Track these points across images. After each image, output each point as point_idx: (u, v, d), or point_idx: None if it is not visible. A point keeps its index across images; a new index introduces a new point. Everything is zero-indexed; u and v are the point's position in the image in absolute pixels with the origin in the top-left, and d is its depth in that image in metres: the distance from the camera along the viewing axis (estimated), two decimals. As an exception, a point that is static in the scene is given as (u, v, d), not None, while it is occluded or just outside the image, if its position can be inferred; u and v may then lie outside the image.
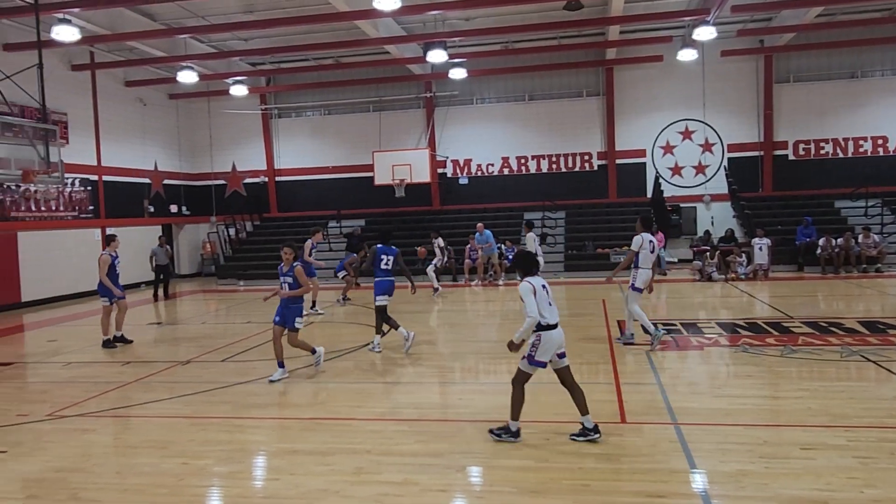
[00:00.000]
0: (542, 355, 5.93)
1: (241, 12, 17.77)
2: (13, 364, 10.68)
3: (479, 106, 24.71)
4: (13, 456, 6.19)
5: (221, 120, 25.79)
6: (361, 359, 9.90)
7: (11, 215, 17.62)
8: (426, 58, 18.76)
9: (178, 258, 25.09)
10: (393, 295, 10.52)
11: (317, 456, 5.85)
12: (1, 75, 13.28)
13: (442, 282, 20.02)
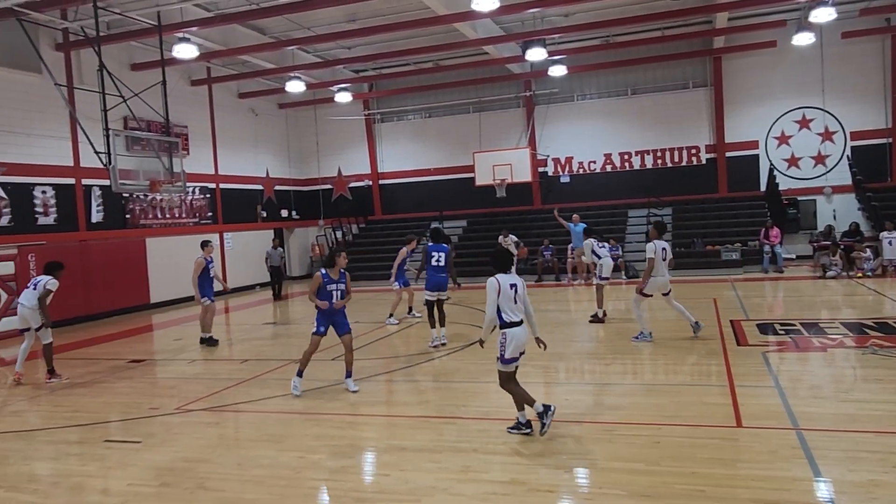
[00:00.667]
0: (512, 352, 6.16)
1: (344, 21, 18.32)
2: (145, 361, 11.49)
3: (580, 102, 24.32)
4: (147, 446, 6.67)
5: (327, 126, 26.70)
6: (466, 358, 9.98)
7: (140, 222, 18.98)
8: (525, 56, 18.67)
9: (288, 260, 26.18)
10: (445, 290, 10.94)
11: (425, 453, 5.96)
12: (129, 93, 14.31)
13: (545, 281, 19.87)
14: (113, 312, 17.47)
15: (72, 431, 7.44)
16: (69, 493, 5.54)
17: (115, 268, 17.74)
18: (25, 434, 7.41)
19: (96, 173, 16.15)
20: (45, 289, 9.85)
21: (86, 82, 16.26)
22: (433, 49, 19.79)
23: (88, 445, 6.87)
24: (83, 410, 8.26)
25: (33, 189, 15.86)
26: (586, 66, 22.49)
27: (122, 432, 7.31)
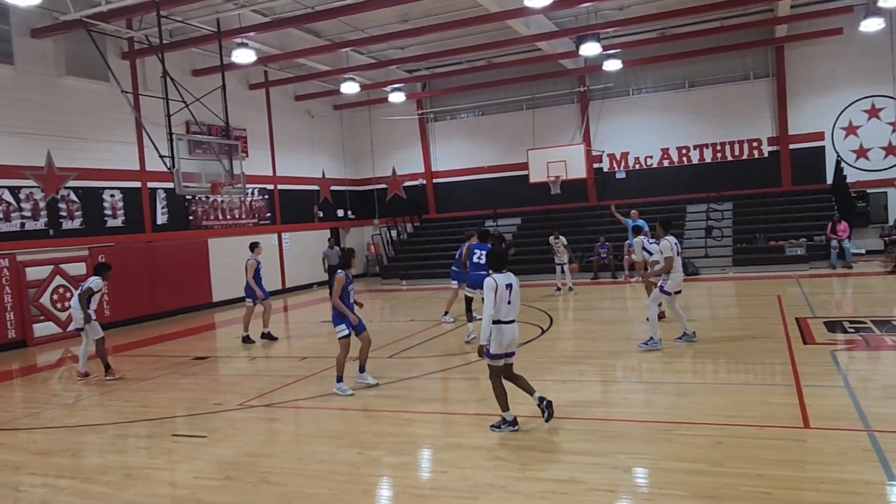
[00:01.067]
0: (495, 347, 6.29)
1: (397, 22, 18.47)
2: (208, 358, 11.84)
3: (636, 97, 23.91)
4: (212, 441, 6.87)
5: (381, 126, 26.96)
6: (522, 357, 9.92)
7: (203, 224, 19.55)
8: (579, 52, 18.46)
9: (345, 260, 26.52)
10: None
11: (482, 451, 5.96)
12: (191, 98, 14.75)
13: (602, 278, 19.63)
14: (177, 311, 18.04)
15: (141, 426, 7.73)
16: (139, 485, 5.75)
17: (179, 268, 18.32)
18: (98, 428, 7.73)
19: (161, 176, 16.72)
20: (85, 287, 10.23)
21: (150, 89, 16.84)
22: (485, 47, 19.76)
23: (157, 439, 7.13)
24: (151, 406, 8.57)
25: (102, 193, 16.51)
26: (642, 59, 22.10)
27: (189, 427, 7.55)
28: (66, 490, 5.76)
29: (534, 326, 12.37)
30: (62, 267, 15.11)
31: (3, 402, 9.56)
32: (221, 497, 5.37)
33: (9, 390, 10.59)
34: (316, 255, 21.99)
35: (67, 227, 15.56)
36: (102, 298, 15.98)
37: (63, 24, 14.34)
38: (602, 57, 20.36)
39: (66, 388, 10.00)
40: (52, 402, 9.22)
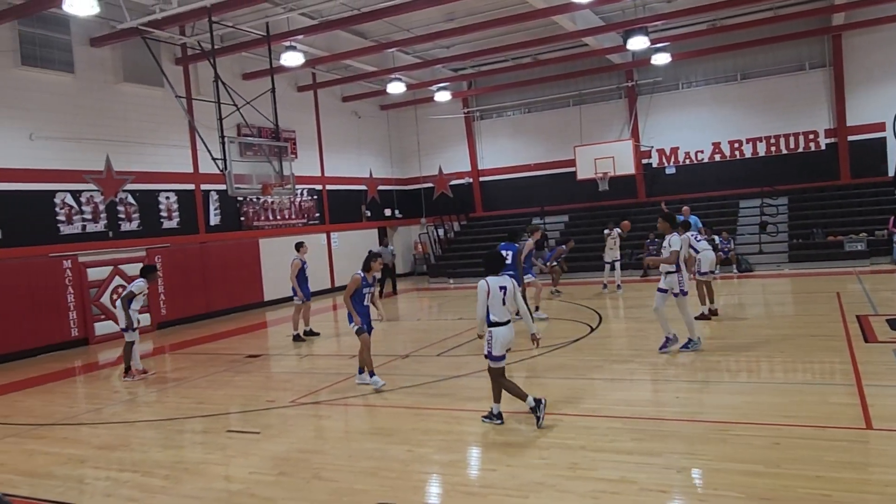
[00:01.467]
0: (498, 349, 6.49)
1: (442, 21, 18.50)
2: (261, 356, 12.08)
3: (686, 90, 23.45)
4: (265, 437, 7.02)
5: (427, 126, 27.07)
6: (570, 355, 9.86)
7: (254, 224, 19.95)
8: (626, 46, 18.17)
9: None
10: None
11: (532, 449, 5.94)
12: (242, 102, 15.06)
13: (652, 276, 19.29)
14: (230, 310, 18.45)
15: (197, 422, 7.94)
16: (197, 479, 5.91)
17: (232, 268, 18.74)
18: (156, 423, 7.97)
19: (213, 179, 17.15)
20: (129, 290, 10.51)
21: (202, 93, 17.26)
22: (531, 44, 19.65)
23: (212, 435, 7.31)
24: (207, 402, 8.80)
25: (158, 195, 17.00)
26: (692, 52, 21.65)
27: (243, 423, 7.71)
28: (127, 483, 5.96)
29: (582, 325, 12.25)
30: (121, 267, 15.61)
31: (67, 398, 9.94)
32: (275, 492, 5.48)
33: (72, 387, 11.01)
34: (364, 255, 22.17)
35: (126, 229, 16.07)
36: (158, 298, 16.49)
37: (120, 32, 14.80)
38: (650, 51, 20.01)
39: (125, 385, 10.33)
40: (113, 399, 9.54)
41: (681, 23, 19.92)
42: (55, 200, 14.60)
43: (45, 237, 14.35)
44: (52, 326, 14.15)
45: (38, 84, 14.32)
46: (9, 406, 9.45)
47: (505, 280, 6.57)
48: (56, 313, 14.27)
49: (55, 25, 14.31)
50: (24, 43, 13.86)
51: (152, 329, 16.17)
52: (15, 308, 13.48)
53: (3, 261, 13.50)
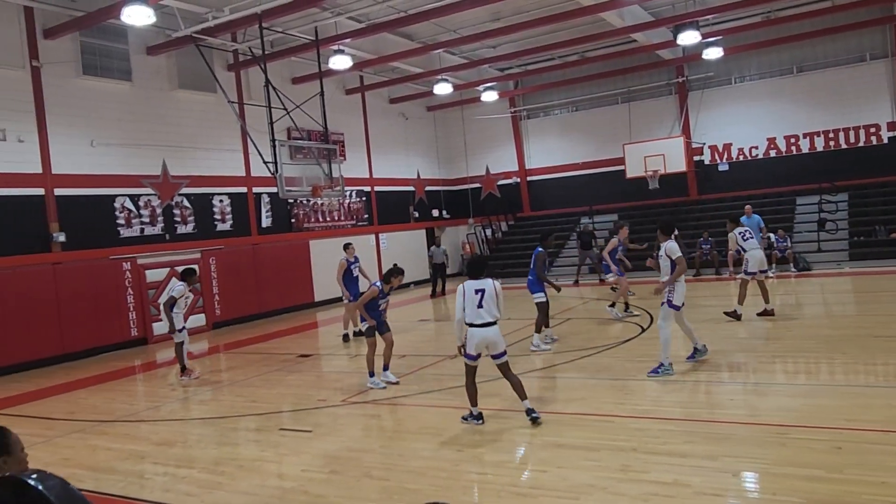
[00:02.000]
0: (470, 349, 6.75)
1: (488, 21, 18.48)
2: (312, 356, 12.27)
3: (739, 85, 22.87)
4: (317, 435, 7.12)
5: (474, 126, 27.06)
6: (621, 355, 9.73)
7: (304, 226, 20.27)
8: (677, 41, 17.84)
9: (440, 259, 26.87)
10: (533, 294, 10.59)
11: (582, 451, 5.89)
12: (292, 105, 15.32)
13: (704, 275, 18.91)
14: (282, 310, 18.79)
15: (251, 420, 8.11)
16: (251, 476, 6.04)
17: (283, 269, 19.07)
18: (212, 421, 8.17)
19: (265, 182, 17.49)
20: (168, 295, 10.74)
21: (253, 98, 17.62)
22: (579, 41, 19.46)
23: (266, 433, 7.46)
24: (260, 401, 8.98)
25: (212, 198, 17.42)
26: (745, 45, 21.11)
27: (295, 422, 7.85)
28: (185, 479, 6.13)
29: (633, 325, 12.08)
30: (177, 269, 16.02)
31: (128, 395, 10.27)
32: (327, 490, 5.56)
33: (132, 385, 11.37)
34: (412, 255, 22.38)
35: (181, 232, 16.52)
36: (213, 299, 16.90)
37: (175, 40, 15.23)
38: (702, 45, 19.58)
39: (182, 384, 10.61)
40: (171, 397, 9.82)
41: (734, 16, 19.44)
42: (115, 204, 15.11)
43: (106, 240, 14.86)
44: (113, 327, 14.64)
45: (98, 93, 14.84)
46: (73, 403, 9.82)
47: (485, 283, 6.76)
48: (116, 314, 14.76)
49: (114, 36, 14.81)
50: (86, 53, 14.39)
51: (207, 329, 16.59)
52: (78, 309, 13.99)
53: (67, 263, 14.03)
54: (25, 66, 13.56)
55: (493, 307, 6.69)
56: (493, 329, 6.70)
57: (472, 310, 6.70)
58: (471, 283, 6.83)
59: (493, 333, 6.71)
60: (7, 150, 13.25)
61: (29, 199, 13.60)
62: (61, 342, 13.64)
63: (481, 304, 6.67)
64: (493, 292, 6.72)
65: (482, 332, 6.69)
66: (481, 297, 6.68)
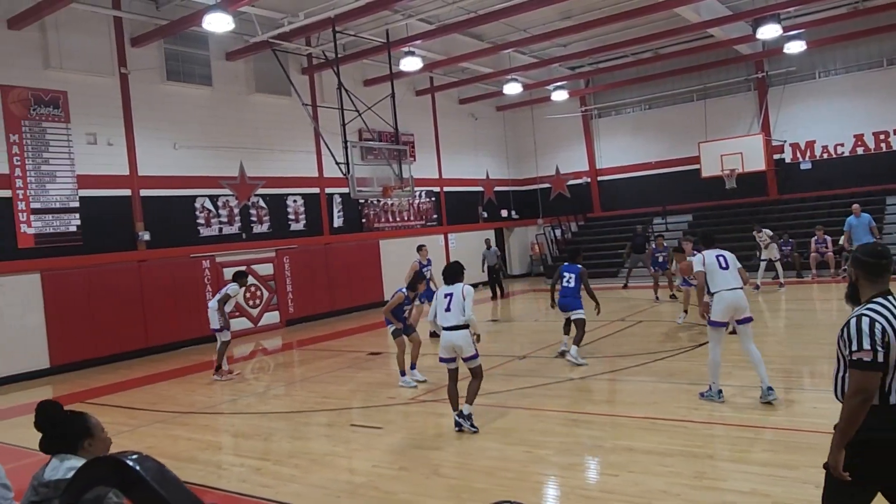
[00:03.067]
0: (441, 352, 7.07)
1: (559, 20, 18.30)
2: (381, 354, 12.44)
3: (823, 80, 21.88)
4: (387, 432, 7.22)
5: (544, 125, 26.83)
6: (697, 359, 9.46)
7: (374, 226, 20.57)
8: (756, 35, 17.24)
9: (509, 259, 26.78)
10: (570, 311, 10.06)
11: (654, 456, 5.76)
12: (363, 107, 15.58)
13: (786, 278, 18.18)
14: (352, 309, 19.11)
15: (322, 415, 8.29)
16: (324, 470, 6.18)
17: (354, 268, 19.41)
18: (286, 415, 8.39)
19: (337, 182, 17.83)
20: (224, 293, 11.02)
21: (326, 100, 18.01)
22: (652, 38, 19.04)
23: (337, 428, 7.61)
24: (331, 397, 9.17)
25: (286, 199, 17.90)
26: (830, 38, 20.15)
27: (365, 418, 7.98)
28: (260, 471, 6.32)
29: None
30: (253, 267, 16.57)
31: (207, 388, 10.67)
32: (397, 486, 5.62)
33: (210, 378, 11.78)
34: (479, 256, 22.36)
35: (257, 231, 17.04)
36: (287, 297, 17.35)
37: (252, 46, 15.73)
38: (783, 39, 18.81)
39: (257, 378, 10.95)
40: (246, 391, 10.14)
41: (818, 7, 18.62)
42: (195, 205, 15.72)
43: (187, 239, 15.48)
44: (193, 322, 15.21)
45: (181, 97, 15.47)
46: (156, 394, 10.27)
47: (454, 289, 7.00)
48: (196, 310, 15.32)
49: (196, 43, 15.42)
50: (169, 60, 15.03)
51: (281, 326, 17.05)
52: (161, 305, 14.62)
53: (151, 261, 14.68)
54: (114, 73, 14.27)
55: (459, 312, 6.88)
56: (459, 333, 6.88)
57: (441, 313, 6.98)
58: (444, 288, 7.12)
59: (459, 337, 6.89)
60: (98, 153, 13.98)
61: (117, 200, 14.31)
62: (145, 336, 14.29)
63: (449, 308, 6.92)
64: (461, 297, 6.93)
65: (448, 335, 6.93)
66: (449, 301, 6.93)
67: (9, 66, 12.73)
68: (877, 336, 2.96)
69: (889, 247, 8.21)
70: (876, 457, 3.02)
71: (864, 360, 2.96)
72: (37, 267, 12.80)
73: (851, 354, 3.01)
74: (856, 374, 3.00)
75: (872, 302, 3.10)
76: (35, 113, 12.99)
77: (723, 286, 7.24)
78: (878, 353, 2.94)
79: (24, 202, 12.80)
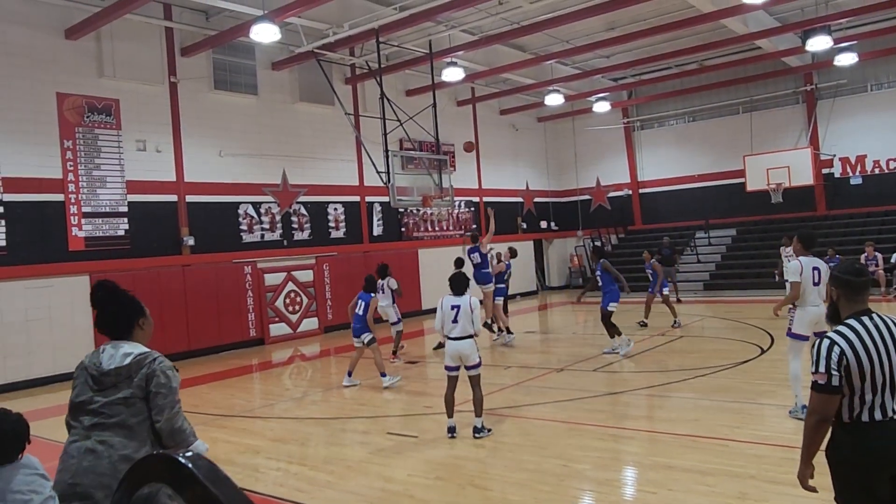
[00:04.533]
0: (447, 360, 7.28)
1: (602, 31, 18.19)
2: (418, 363, 12.46)
3: (875, 93, 21.31)
4: (422, 441, 7.22)
5: (585, 137, 26.66)
6: (739, 377, 9.25)
7: (413, 235, 20.66)
8: (805, 47, 16.87)
9: (547, 271, 26.62)
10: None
11: (695, 474, 5.64)
12: (405, 117, 15.69)
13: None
14: (390, 317, 19.16)
15: (359, 422, 8.33)
16: (359, 477, 6.20)
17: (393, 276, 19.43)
18: (323, 421, 8.46)
19: (377, 191, 17.98)
20: (390, 288, 12.67)
21: (368, 110, 18.19)
22: (697, 49, 18.81)
23: (373, 435, 7.63)
24: (368, 404, 9.21)
25: (327, 206, 18.10)
26: (883, 50, 19.59)
27: (401, 426, 7.99)
28: (296, 475, 6.37)
29: (752, 345, 11.47)
30: (293, 274, 16.78)
31: (245, 392, 10.82)
32: (432, 495, 5.61)
33: (249, 383, 11.95)
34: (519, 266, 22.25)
35: (298, 238, 17.26)
36: (326, 304, 17.49)
37: (297, 56, 16.00)
38: (833, 51, 18.36)
39: (295, 384, 11.07)
40: (285, 396, 10.25)
41: (871, 19, 18.18)
42: (239, 211, 16.01)
43: (230, 244, 15.76)
44: (234, 327, 15.48)
45: (227, 106, 15.80)
46: (197, 397, 10.45)
47: (461, 300, 7.18)
48: (237, 315, 15.59)
49: (243, 52, 15.75)
50: (217, 69, 15.38)
51: (319, 333, 17.20)
52: (204, 309, 14.89)
53: (195, 266, 14.98)
54: (164, 81, 14.66)
55: (467, 324, 7.11)
56: (466, 342, 7.14)
57: (448, 323, 7.17)
58: (449, 298, 7.25)
59: (465, 346, 7.14)
60: (146, 159, 14.35)
61: (164, 205, 14.66)
62: (188, 339, 14.55)
63: (456, 320, 7.12)
64: (468, 309, 7.13)
65: (455, 344, 7.15)
66: (456, 313, 7.12)
67: (65, 75, 13.18)
68: (833, 360, 3.04)
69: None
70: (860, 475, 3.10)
71: (818, 383, 3.07)
72: (86, 269, 13.16)
73: (812, 375, 3.11)
74: (813, 395, 3.11)
75: (843, 324, 3.17)
76: (88, 120, 13.41)
77: (810, 302, 7.02)
78: (832, 377, 3.03)
79: (75, 206, 13.20)
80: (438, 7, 13.80)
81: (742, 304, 17.43)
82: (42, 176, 12.81)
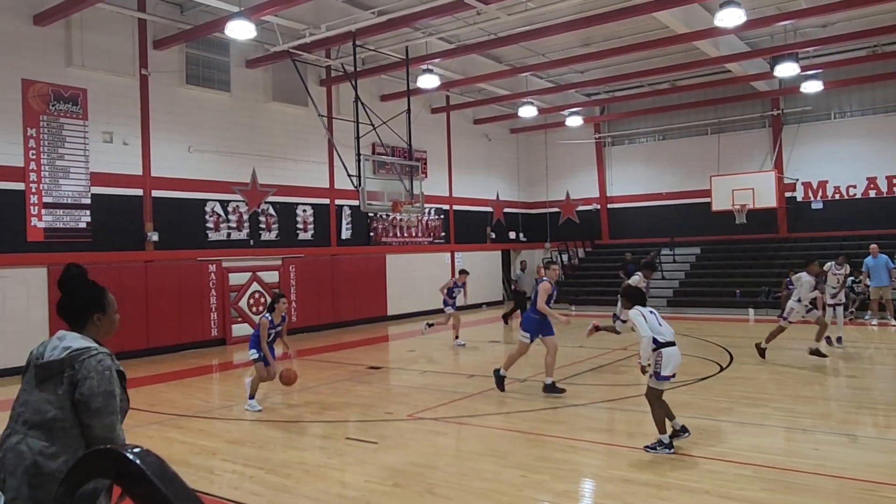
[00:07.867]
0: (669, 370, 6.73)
1: (578, 46, 18.41)
2: (381, 368, 12.39)
3: (838, 121, 21.89)
4: (382, 448, 7.16)
5: (557, 150, 26.90)
6: (698, 393, 9.38)
7: (382, 240, 20.60)
8: (773, 73, 17.29)
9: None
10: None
11: (651, 488, 5.69)
12: (379, 122, 15.66)
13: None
14: (355, 322, 19.08)
15: (318, 426, 8.24)
16: (316, 482, 6.12)
17: (359, 281, 19.40)
18: (282, 424, 8.35)
19: (347, 194, 17.91)
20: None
21: (342, 112, 18.11)
22: (670, 69, 19.12)
23: (332, 440, 7.56)
24: (329, 409, 9.12)
25: (296, 208, 17.95)
26: (847, 80, 20.20)
27: (361, 432, 7.92)
28: (253, 478, 6.27)
29: (711, 362, 11.65)
30: (259, 274, 16.59)
31: (204, 392, 10.64)
32: (389, 502, 5.57)
33: (209, 383, 11.77)
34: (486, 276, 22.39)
35: (265, 238, 17.08)
36: (290, 305, 17.30)
37: (272, 55, 15.87)
38: (800, 78, 18.86)
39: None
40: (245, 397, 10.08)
41: (836, 49, 18.71)
42: (206, 209, 15.78)
43: (196, 242, 15.52)
44: (195, 325, 15.23)
45: (198, 102, 15.60)
46: (154, 396, 10.24)
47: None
48: (199, 314, 15.34)
49: (217, 48, 15.57)
50: (190, 64, 15.18)
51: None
52: (165, 306, 14.63)
53: (158, 262, 14.72)
54: (135, 74, 14.41)
55: None
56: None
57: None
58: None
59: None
60: (112, 151, 14.08)
61: (129, 199, 14.39)
62: (147, 337, 14.27)
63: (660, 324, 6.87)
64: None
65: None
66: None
67: (32, 61, 12.89)
68: None
69: None
70: None
71: None
72: (44, 261, 12.84)
73: None
74: None
75: None
76: (54, 109, 13.12)
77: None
78: None
79: (36, 196, 12.89)
80: (416, 14, 13.82)
81: (703, 321, 17.70)
82: (2, 164, 12.48)
